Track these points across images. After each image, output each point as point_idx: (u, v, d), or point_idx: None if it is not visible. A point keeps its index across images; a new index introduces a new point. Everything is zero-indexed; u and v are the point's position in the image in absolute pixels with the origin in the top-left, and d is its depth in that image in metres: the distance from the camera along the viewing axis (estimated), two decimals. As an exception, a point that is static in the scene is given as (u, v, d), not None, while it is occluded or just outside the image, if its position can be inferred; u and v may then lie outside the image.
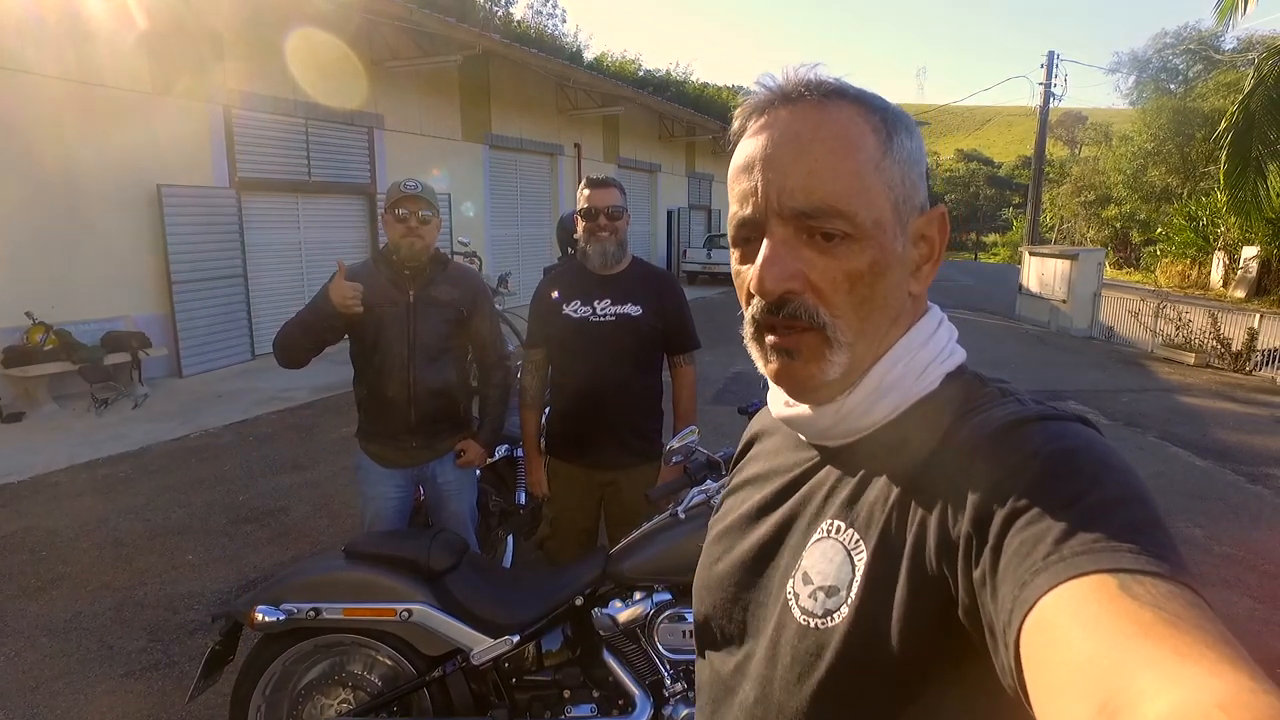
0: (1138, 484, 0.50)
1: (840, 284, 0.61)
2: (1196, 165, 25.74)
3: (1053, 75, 20.26)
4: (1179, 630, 0.39)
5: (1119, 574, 0.43)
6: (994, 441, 0.55)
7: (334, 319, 2.37)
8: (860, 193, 0.60)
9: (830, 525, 0.63)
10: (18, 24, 6.56)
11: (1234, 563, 4.02)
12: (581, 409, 2.51)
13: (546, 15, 25.33)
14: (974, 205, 69.20)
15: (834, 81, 0.64)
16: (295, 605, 1.98)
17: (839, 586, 0.60)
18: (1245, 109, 10.41)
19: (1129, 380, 9.29)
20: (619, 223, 2.45)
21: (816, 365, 0.63)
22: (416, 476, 2.60)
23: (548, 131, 14.95)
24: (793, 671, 0.61)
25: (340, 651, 2.13)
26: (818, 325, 0.62)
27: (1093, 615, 0.41)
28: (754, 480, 0.77)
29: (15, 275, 6.58)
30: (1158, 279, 25.32)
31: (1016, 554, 0.48)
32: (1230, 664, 0.36)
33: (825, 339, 0.62)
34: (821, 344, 0.62)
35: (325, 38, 9.07)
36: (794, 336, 0.63)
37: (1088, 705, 0.38)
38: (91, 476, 4.98)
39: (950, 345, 0.68)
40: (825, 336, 0.62)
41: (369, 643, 2.08)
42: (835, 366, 0.63)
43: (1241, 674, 0.36)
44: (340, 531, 4.07)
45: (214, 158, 8.34)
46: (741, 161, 0.64)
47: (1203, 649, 0.37)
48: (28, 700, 2.68)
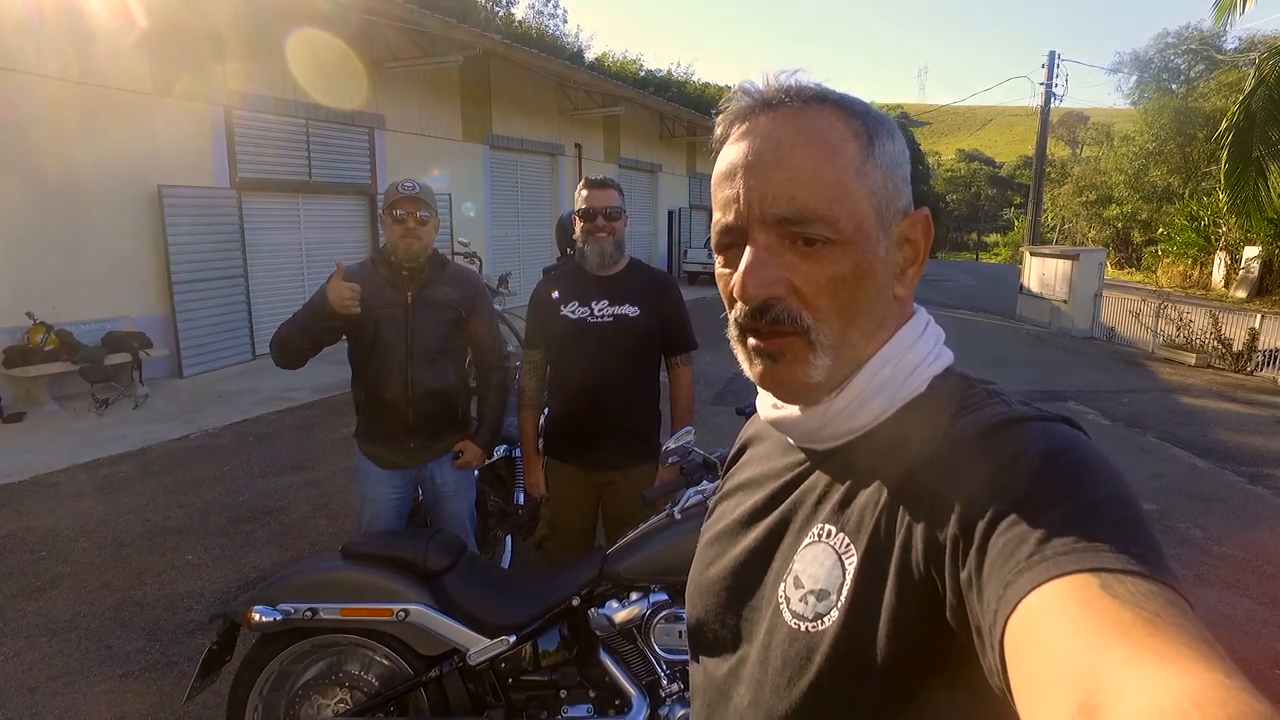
0: (1121, 485, 0.51)
1: (823, 288, 0.61)
2: (1198, 165, 25.74)
3: (1054, 75, 20.26)
4: (1157, 629, 0.39)
5: (1100, 573, 0.43)
6: (980, 443, 0.56)
7: (331, 320, 2.37)
8: (842, 198, 0.61)
9: (822, 529, 0.64)
10: (18, 24, 6.57)
11: (1234, 563, 4.02)
12: (579, 410, 2.51)
13: (547, 16, 25.39)
14: (975, 205, 69.20)
15: (815, 87, 0.64)
16: (292, 605, 1.99)
17: (830, 590, 0.60)
18: (1246, 109, 10.39)
19: (1130, 381, 9.28)
20: (617, 223, 2.45)
21: (800, 368, 0.63)
22: (415, 477, 2.61)
23: (548, 132, 14.96)
24: (783, 675, 0.61)
25: (337, 651, 2.13)
26: (801, 329, 0.62)
27: (1073, 614, 0.42)
28: (746, 485, 0.78)
29: (16, 275, 6.59)
30: (1159, 279, 25.32)
31: (1001, 555, 0.48)
32: (1206, 661, 0.37)
33: (809, 342, 0.62)
34: (805, 347, 0.63)
35: (326, 38, 9.08)
36: (777, 340, 0.63)
37: (1068, 703, 0.38)
38: (92, 477, 4.99)
39: (937, 348, 0.68)
40: (809, 340, 0.62)
41: (366, 643, 2.08)
42: (819, 369, 0.63)
43: (1216, 671, 0.36)
44: (339, 532, 4.08)
45: (214, 158, 8.35)
46: (724, 168, 0.65)
47: (1180, 647, 0.38)
48: (27, 700, 2.68)
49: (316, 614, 1.99)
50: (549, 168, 15.49)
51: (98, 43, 7.11)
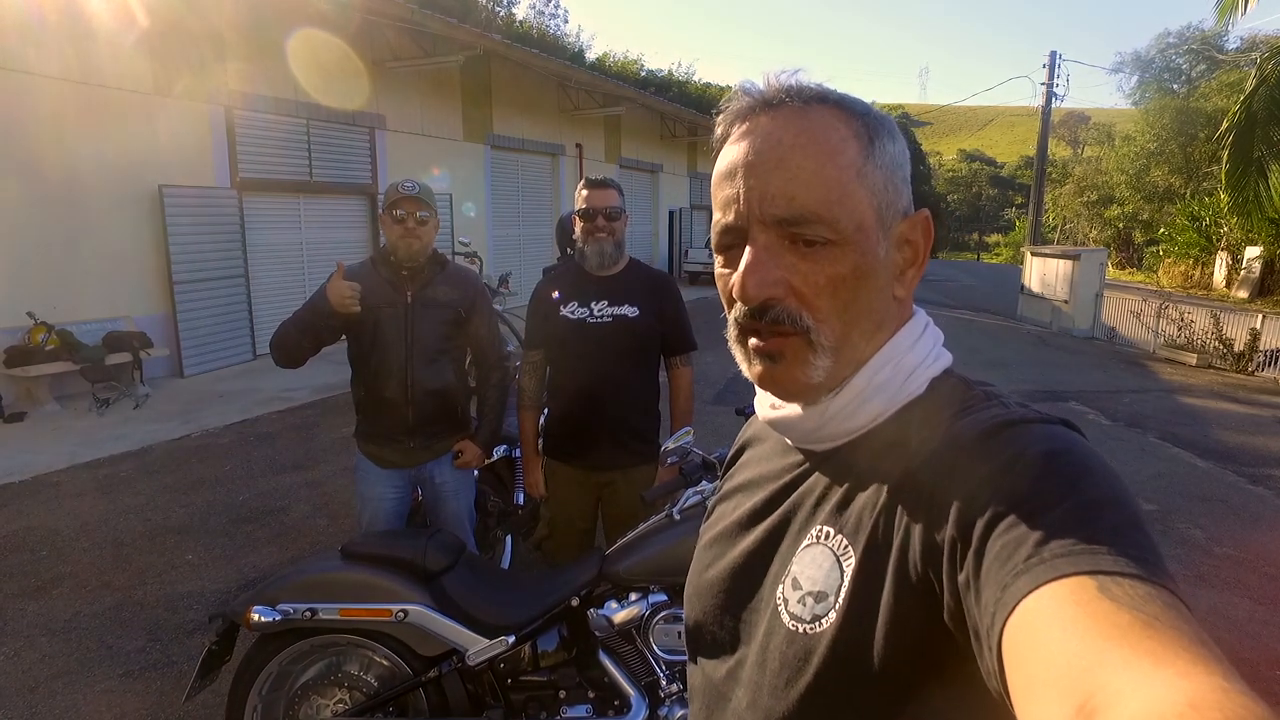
0: (1119, 486, 0.50)
1: (823, 289, 0.61)
2: (1199, 165, 25.71)
3: (1055, 75, 20.25)
4: (1155, 631, 0.39)
5: (1098, 576, 0.43)
6: (977, 445, 0.56)
7: (331, 319, 2.37)
8: (842, 199, 0.61)
9: (820, 531, 0.63)
10: (19, 25, 6.57)
11: (1235, 564, 4.01)
12: (579, 410, 2.50)
13: (548, 16, 25.37)
14: (976, 205, 69.16)
15: (815, 87, 0.64)
16: (291, 605, 1.98)
17: (827, 592, 0.60)
18: (1247, 109, 10.38)
19: (1131, 381, 9.28)
20: (617, 223, 2.45)
21: (800, 369, 0.63)
22: (414, 477, 2.60)
23: (549, 132, 14.96)
24: (780, 677, 0.61)
25: (337, 652, 2.13)
26: (801, 330, 0.62)
27: (1071, 617, 0.41)
28: (745, 487, 0.77)
29: (17, 275, 6.59)
30: (1160, 279, 25.29)
31: (998, 557, 0.48)
32: (1204, 664, 0.37)
33: (808, 343, 0.62)
34: (805, 348, 0.62)
35: (326, 38, 9.08)
36: (777, 340, 0.63)
37: (1066, 706, 0.38)
38: (92, 476, 4.99)
39: (936, 349, 0.68)
40: (809, 340, 0.62)
41: (365, 643, 2.08)
42: (818, 370, 0.63)
43: (1214, 674, 0.36)
44: (339, 532, 4.08)
45: (215, 158, 8.35)
46: (724, 168, 0.65)
47: (1178, 650, 0.38)
48: (26, 700, 2.68)
49: (316, 614, 1.99)
50: (550, 168, 15.49)
51: (98, 43, 7.12)
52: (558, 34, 24.42)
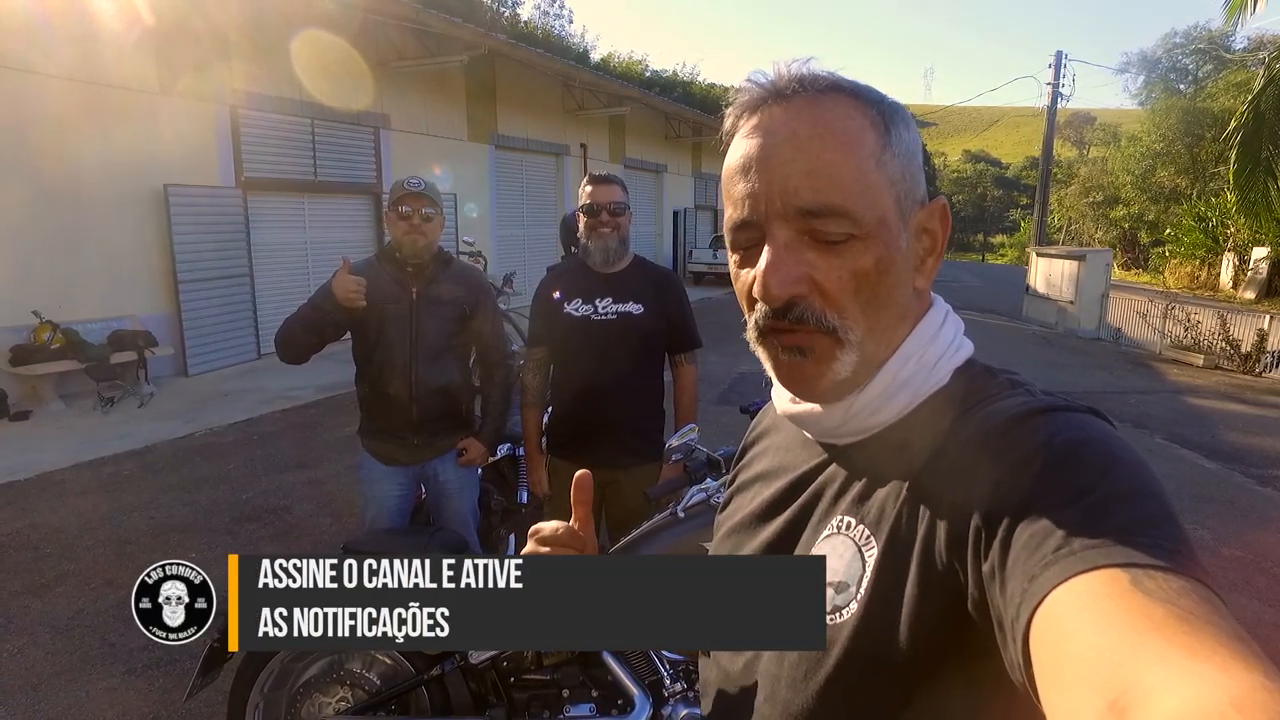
0: (1149, 476, 0.49)
1: (847, 284, 0.59)
2: (1206, 166, 25.60)
3: (1060, 75, 20.15)
4: (1191, 626, 0.38)
5: (1130, 568, 0.42)
6: (1003, 434, 0.54)
7: (336, 314, 2.37)
8: (863, 190, 0.59)
9: (841, 521, 0.62)
10: (23, 24, 6.59)
11: (1243, 565, 3.98)
12: (583, 408, 2.49)
13: (553, 15, 25.40)
14: (981, 206, 69.03)
15: (828, 75, 0.62)
16: (294, 603, 1.97)
17: (849, 582, 0.59)
18: (1255, 109, 10.34)
19: (1137, 382, 9.24)
20: (621, 219, 2.44)
21: (828, 365, 0.61)
22: (418, 475, 2.60)
23: (553, 132, 14.96)
24: (799, 668, 0.60)
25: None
26: (826, 328, 0.60)
27: (1103, 610, 0.40)
28: (763, 476, 0.76)
29: (22, 274, 6.61)
30: (1166, 280, 25.18)
31: (1025, 547, 0.47)
32: (1244, 661, 0.35)
33: (836, 340, 0.61)
34: (833, 345, 0.61)
35: (331, 38, 9.08)
36: (805, 335, 0.61)
37: (1098, 701, 0.37)
38: (96, 474, 5.00)
39: (958, 339, 0.66)
40: (836, 338, 0.60)
41: (368, 641, 2.06)
42: (846, 366, 0.61)
43: (1255, 672, 0.35)
44: (342, 530, 4.07)
45: (220, 157, 8.37)
46: (737, 163, 0.62)
47: (1215, 645, 0.36)
48: (30, 697, 2.68)
49: (318, 612, 1.97)
50: (554, 168, 15.49)
51: (103, 42, 7.13)
52: (562, 34, 24.46)
